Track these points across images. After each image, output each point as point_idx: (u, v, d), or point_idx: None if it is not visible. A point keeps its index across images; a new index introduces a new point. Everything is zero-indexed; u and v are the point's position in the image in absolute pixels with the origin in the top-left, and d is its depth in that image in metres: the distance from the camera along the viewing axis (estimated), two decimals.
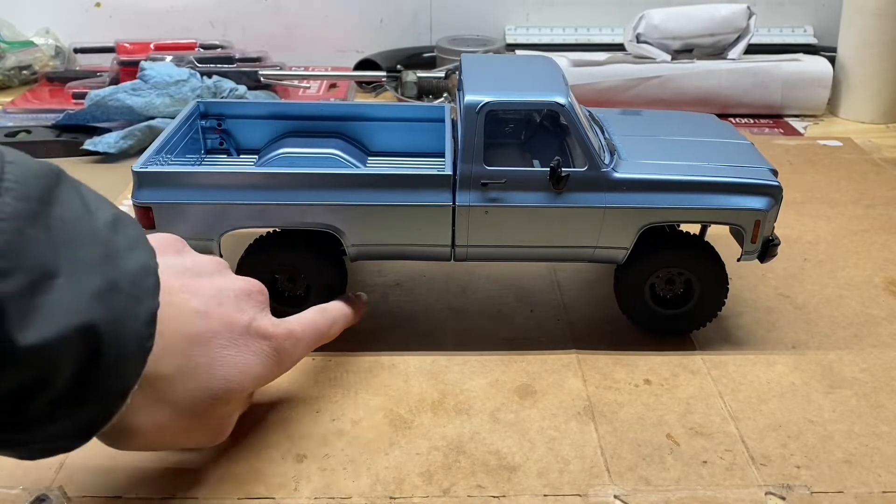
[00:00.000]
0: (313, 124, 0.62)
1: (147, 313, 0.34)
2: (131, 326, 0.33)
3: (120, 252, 0.33)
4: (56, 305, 0.30)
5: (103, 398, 0.33)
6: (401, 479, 0.43)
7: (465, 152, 0.50)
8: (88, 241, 0.32)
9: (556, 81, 0.53)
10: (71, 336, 0.30)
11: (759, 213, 0.52)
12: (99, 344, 0.31)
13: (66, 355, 0.30)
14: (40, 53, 1.12)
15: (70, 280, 0.30)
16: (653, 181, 0.51)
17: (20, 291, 0.28)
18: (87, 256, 0.31)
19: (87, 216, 0.33)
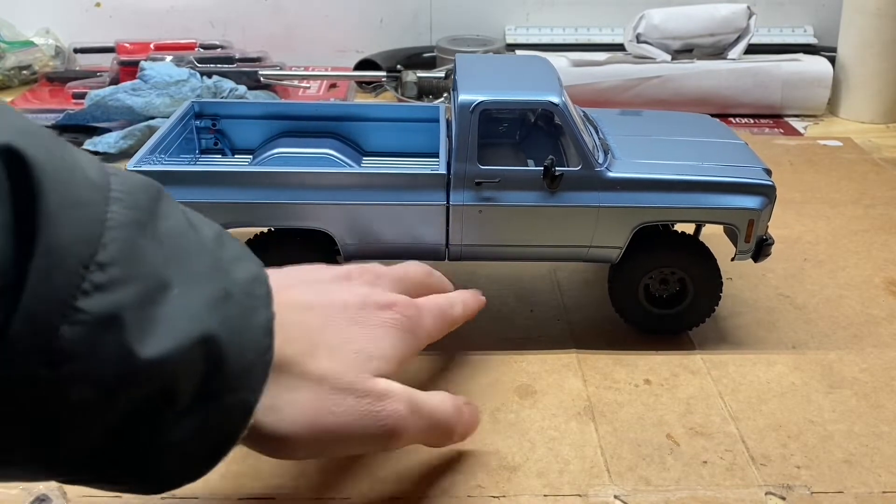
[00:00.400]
0: (308, 124, 0.62)
1: (264, 322, 0.32)
2: (249, 337, 0.32)
3: (228, 263, 0.33)
4: (173, 316, 0.29)
5: (230, 414, 0.31)
6: (401, 479, 0.43)
7: (459, 151, 0.50)
8: (197, 252, 0.31)
9: (551, 81, 0.53)
10: (191, 347, 0.29)
11: (753, 212, 0.52)
12: (220, 355, 0.30)
13: (187, 368, 0.29)
14: (40, 53, 1.12)
15: (184, 290, 0.30)
16: (646, 180, 0.51)
17: (137, 302, 0.28)
18: (197, 267, 0.31)
19: (192, 230, 0.32)
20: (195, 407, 0.30)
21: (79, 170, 0.28)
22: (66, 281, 0.26)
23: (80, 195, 0.27)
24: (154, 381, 0.28)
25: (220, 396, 0.31)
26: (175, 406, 0.30)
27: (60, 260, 0.26)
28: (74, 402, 0.27)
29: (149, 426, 0.29)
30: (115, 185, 0.29)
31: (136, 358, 0.27)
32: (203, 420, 0.30)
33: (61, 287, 0.26)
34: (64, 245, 0.26)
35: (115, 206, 0.28)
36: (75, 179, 0.27)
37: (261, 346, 0.32)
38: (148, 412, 0.29)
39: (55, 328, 0.25)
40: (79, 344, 0.26)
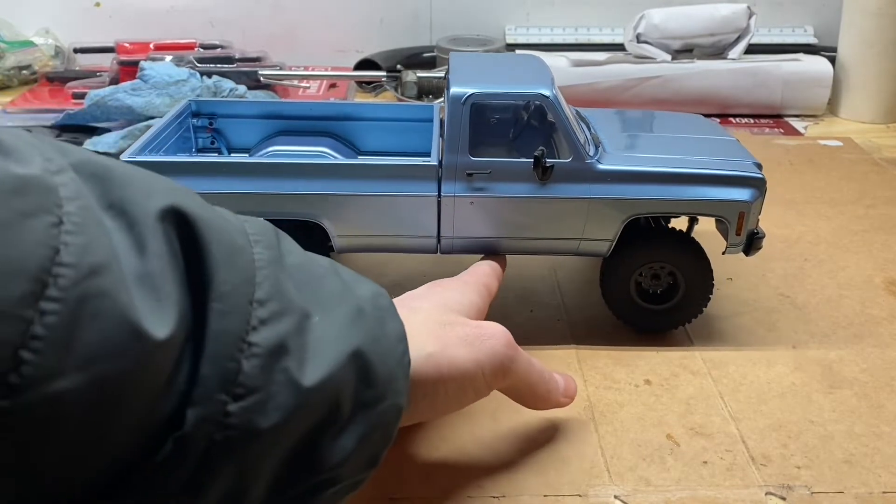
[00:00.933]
0: (304, 124, 0.62)
1: (396, 330, 0.35)
2: (387, 344, 0.34)
3: (350, 285, 0.35)
4: (323, 341, 0.31)
5: (385, 418, 0.33)
6: (401, 479, 0.43)
7: (450, 143, 0.50)
8: (321, 280, 0.34)
9: (543, 76, 0.53)
10: (345, 364, 0.31)
11: (744, 204, 0.52)
12: (368, 366, 0.32)
13: (345, 385, 0.31)
14: (40, 53, 1.12)
15: (324, 315, 0.32)
16: (637, 172, 0.51)
17: (295, 331, 0.30)
18: (328, 293, 0.33)
19: (311, 262, 0.34)
20: (355, 419, 0.32)
21: (226, 218, 0.31)
22: (239, 320, 0.28)
23: (235, 241, 0.29)
24: (322, 404, 0.30)
25: (375, 405, 0.33)
26: (339, 422, 0.32)
27: (233, 302, 0.28)
28: (262, 431, 0.28)
29: (318, 444, 0.31)
30: (249, 228, 0.31)
31: (301, 387, 0.29)
32: (363, 429, 0.32)
33: (236, 326, 0.28)
34: (233, 289, 0.28)
35: (258, 248, 0.30)
36: (228, 227, 0.30)
37: (398, 352, 0.34)
38: (316, 433, 0.31)
39: (239, 363, 0.28)
40: (257, 376, 0.28)
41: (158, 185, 0.29)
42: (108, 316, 0.24)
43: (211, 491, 0.28)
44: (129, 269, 0.25)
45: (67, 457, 0.24)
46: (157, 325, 0.25)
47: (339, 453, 0.32)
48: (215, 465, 0.27)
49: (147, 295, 0.25)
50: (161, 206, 0.28)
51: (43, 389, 0.22)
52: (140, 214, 0.27)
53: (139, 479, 0.26)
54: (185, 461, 0.27)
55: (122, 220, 0.26)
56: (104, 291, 0.24)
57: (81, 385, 0.23)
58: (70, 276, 0.23)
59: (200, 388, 0.27)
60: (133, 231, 0.26)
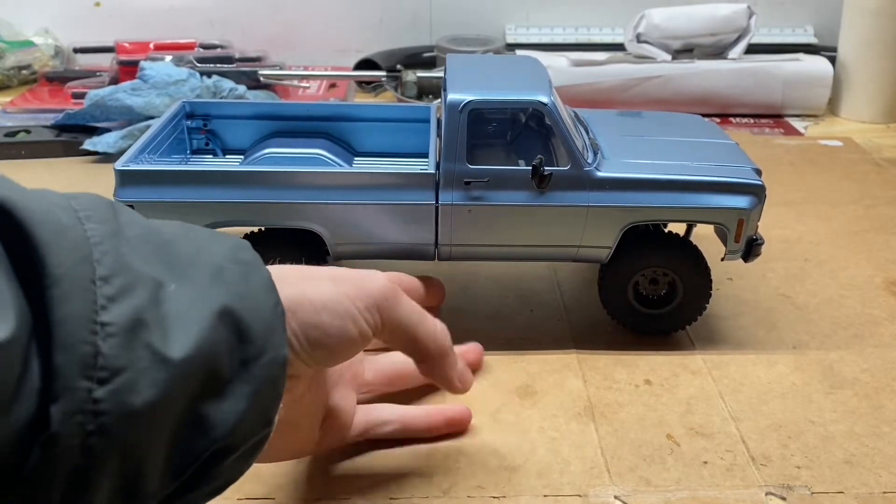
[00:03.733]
0: (300, 125, 0.62)
1: (263, 280, 0.33)
2: (256, 297, 0.32)
3: (204, 245, 0.33)
4: (184, 308, 0.29)
5: (270, 370, 0.32)
6: (401, 479, 0.43)
7: (448, 151, 0.50)
8: (170, 246, 0.32)
9: (541, 81, 0.53)
10: (213, 326, 0.30)
11: (743, 211, 0.52)
12: (239, 322, 0.31)
13: (218, 347, 0.30)
14: (40, 53, 1.12)
15: (181, 282, 0.30)
16: (635, 180, 0.51)
17: (149, 303, 0.28)
18: (180, 259, 0.31)
19: (154, 231, 0.32)
20: (239, 378, 0.31)
21: (47, 199, 0.28)
22: (83, 301, 0.26)
23: (60, 220, 0.27)
24: (198, 371, 0.29)
25: (256, 360, 0.31)
26: (220, 385, 0.30)
27: (71, 284, 0.26)
28: (138, 411, 0.27)
29: (206, 414, 0.30)
30: (76, 205, 0.29)
31: (171, 358, 0.28)
32: (250, 387, 0.31)
33: (81, 309, 0.26)
34: (68, 270, 0.26)
35: (90, 224, 0.28)
36: (50, 208, 0.27)
37: (270, 303, 0.33)
38: (201, 400, 0.29)
39: (95, 346, 0.26)
40: (119, 356, 0.26)
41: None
42: None
43: (99, 486, 0.27)
44: None
45: None
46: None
47: (230, 417, 0.30)
48: (96, 457, 0.26)
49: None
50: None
51: None
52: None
53: (17, 493, 0.25)
54: (61, 462, 0.25)
55: None
56: None
57: None
58: None
59: (58, 381, 0.25)
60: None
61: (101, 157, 0.85)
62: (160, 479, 0.29)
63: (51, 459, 0.25)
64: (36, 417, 0.25)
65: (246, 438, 0.32)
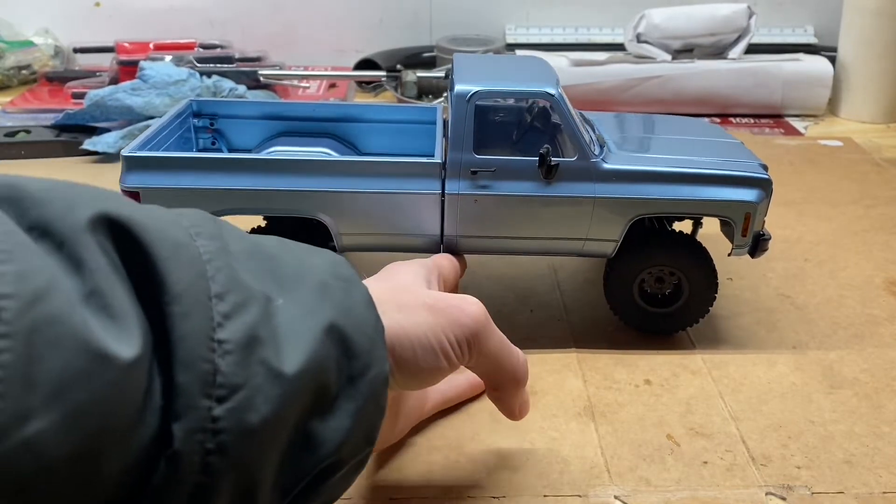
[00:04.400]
0: (305, 125, 0.62)
1: (363, 297, 0.33)
2: (358, 313, 0.32)
3: (305, 260, 0.33)
4: (294, 323, 0.29)
5: (373, 387, 0.32)
6: (401, 479, 0.43)
7: (454, 140, 0.50)
8: (275, 261, 0.32)
9: (547, 75, 0.53)
10: (322, 342, 0.30)
11: (750, 205, 0.51)
12: (345, 338, 0.31)
13: (326, 363, 0.30)
14: (39, 53, 1.12)
15: (288, 297, 0.30)
16: (642, 172, 0.51)
17: (262, 319, 0.28)
18: (285, 273, 0.31)
19: (257, 246, 0.32)
20: (345, 395, 0.31)
21: (159, 216, 0.28)
22: (202, 319, 0.26)
23: (176, 237, 0.27)
24: (309, 386, 0.29)
25: (362, 377, 0.31)
26: (329, 401, 0.30)
27: (190, 301, 0.26)
28: (255, 429, 0.27)
29: (315, 430, 0.30)
30: (185, 221, 0.29)
31: (284, 373, 0.28)
32: (356, 403, 0.31)
33: (200, 326, 0.26)
34: (187, 287, 0.26)
35: (201, 240, 0.28)
36: (164, 225, 0.27)
37: (371, 319, 0.33)
38: (311, 416, 0.30)
39: (214, 364, 0.26)
40: (236, 373, 0.26)
41: (80, 195, 0.26)
42: (66, 342, 0.22)
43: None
44: (73, 291, 0.23)
45: (65, 500, 0.23)
46: (120, 345, 0.23)
47: (337, 434, 0.31)
48: (215, 475, 0.26)
49: (100, 314, 0.24)
50: (88, 216, 0.25)
51: (17, 436, 0.21)
52: (66, 230, 0.24)
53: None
54: (183, 478, 0.25)
55: (48, 240, 0.24)
56: (54, 317, 0.22)
57: (56, 422, 0.22)
58: (13, 308, 0.21)
59: (181, 400, 0.25)
60: (63, 250, 0.24)
61: (101, 157, 0.85)
62: (270, 496, 0.29)
63: (174, 477, 0.25)
64: (159, 435, 0.25)
65: (351, 455, 0.32)
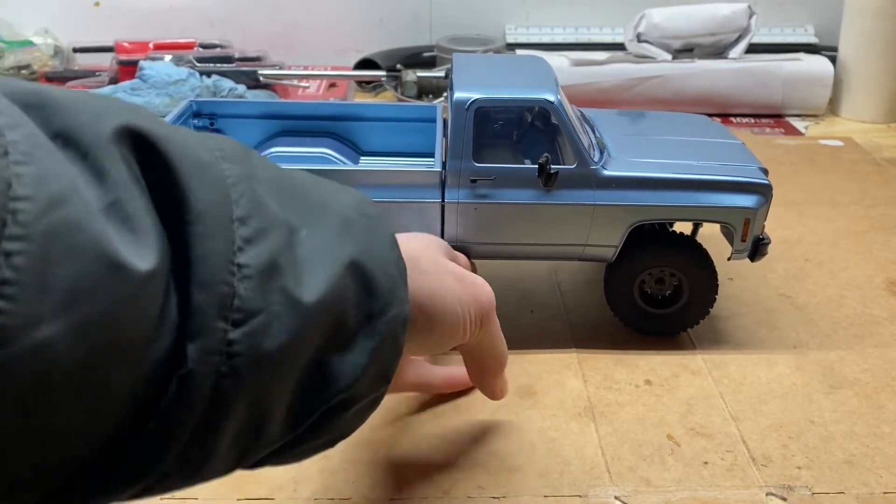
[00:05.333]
0: (306, 124, 0.61)
1: (389, 236, 0.33)
2: (382, 252, 0.32)
3: (331, 195, 0.33)
4: (316, 254, 0.29)
5: (392, 327, 0.32)
6: (401, 479, 0.43)
7: (454, 149, 0.50)
8: (301, 192, 0.31)
9: (547, 80, 0.53)
10: (343, 276, 0.29)
11: (749, 211, 0.51)
12: (367, 276, 0.30)
13: (347, 297, 0.30)
14: (39, 53, 1.12)
15: (312, 229, 0.29)
16: (642, 179, 0.51)
17: (284, 247, 0.28)
18: (310, 205, 0.31)
19: (286, 174, 0.32)
20: (363, 331, 0.31)
21: (185, 133, 0.27)
22: (223, 241, 0.25)
23: (200, 157, 0.26)
24: (327, 319, 0.28)
25: (381, 315, 0.31)
26: (346, 336, 0.30)
27: (212, 222, 0.25)
28: (270, 355, 0.26)
29: (330, 365, 0.30)
30: (211, 144, 0.28)
31: (303, 303, 0.27)
32: (373, 341, 0.31)
33: (221, 248, 0.25)
34: (209, 207, 0.25)
35: (225, 164, 0.28)
36: (191, 143, 0.27)
37: (393, 258, 0.32)
38: (327, 350, 0.29)
39: (233, 287, 0.25)
40: (255, 298, 0.26)
41: (109, 106, 0.26)
42: (83, 250, 0.21)
43: (225, 430, 0.26)
44: (93, 200, 0.23)
45: (70, 414, 0.22)
46: (137, 257, 0.23)
47: (352, 370, 0.30)
48: (226, 399, 0.26)
49: (119, 226, 0.23)
50: (113, 126, 0.24)
51: (27, 340, 0.20)
52: (91, 140, 0.24)
53: (150, 428, 0.25)
54: (194, 400, 0.25)
55: (72, 149, 0.24)
56: (72, 223, 0.21)
57: (67, 329, 0.21)
58: (30, 211, 0.20)
59: (196, 319, 0.25)
60: (87, 160, 0.24)
61: None
62: (280, 427, 0.29)
63: (185, 397, 0.25)
64: (173, 353, 0.24)
65: (365, 393, 0.31)
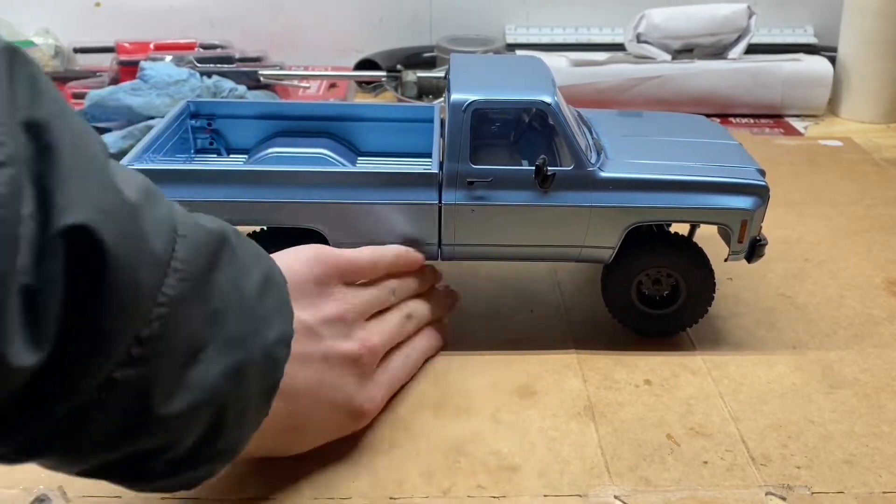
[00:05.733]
0: (304, 124, 0.62)
1: (271, 385, 0.36)
2: (255, 401, 0.35)
3: (263, 321, 0.35)
4: (196, 379, 0.31)
5: (215, 460, 0.35)
6: (401, 480, 0.43)
7: (451, 151, 0.50)
8: (237, 312, 0.33)
9: (544, 81, 0.53)
10: (203, 408, 0.32)
11: (746, 212, 0.52)
12: (223, 416, 0.33)
13: (195, 425, 0.32)
14: (40, 53, 1.12)
15: (214, 354, 0.32)
16: (639, 180, 0.51)
17: (168, 371, 0.30)
18: (233, 330, 0.33)
19: (241, 280, 0.34)
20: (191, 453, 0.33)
21: (145, 245, 0.29)
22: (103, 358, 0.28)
23: (139, 276, 0.28)
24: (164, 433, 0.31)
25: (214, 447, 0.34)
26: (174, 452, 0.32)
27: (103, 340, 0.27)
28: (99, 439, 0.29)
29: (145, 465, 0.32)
30: (178, 252, 0.30)
31: (152, 415, 0.30)
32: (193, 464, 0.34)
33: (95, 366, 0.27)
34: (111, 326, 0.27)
35: (171, 279, 0.29)
36: (140, 259, 0.28)
37: (260, 407, 0.36)
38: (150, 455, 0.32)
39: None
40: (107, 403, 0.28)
41: (89, 194, 0.27)
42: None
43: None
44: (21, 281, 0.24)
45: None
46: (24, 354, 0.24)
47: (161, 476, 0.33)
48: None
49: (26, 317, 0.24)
50: (71, 222, 0.26)
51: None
52: (52, 223, 0.25)
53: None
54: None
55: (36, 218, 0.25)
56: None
57: None
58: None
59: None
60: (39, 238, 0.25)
61: None
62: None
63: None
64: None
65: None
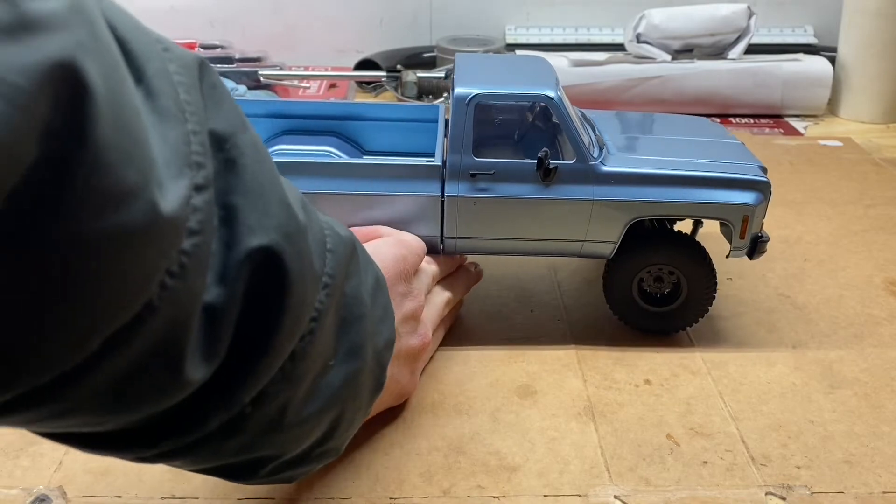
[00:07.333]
0: (309, 123, 0.62)
1: (377, 388, 0.38)
2: (365, 404, 0.38)
3: (375, 327, 0.37)
4: (323, 389, 0.33)
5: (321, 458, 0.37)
6: (401, 479, 0.43)
7: (454, 143, 0.50)
8: (359, 320, 0.35)
9: (548, 77, 0.53)
10: (325, 415, 0.34)
11: (748, 208, 0.52)
12: (339, 421, 0.35)
13: (316, 431, 0.35)
14: None
15: (338, 363, 0.34)
16: (641, 175, 0.51)
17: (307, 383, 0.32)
18: (354, 338, 0.35)
19: (361, 287, 0.35)
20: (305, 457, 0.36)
21: (310, 263, 0.30)
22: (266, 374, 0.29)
23: (305, 296, 0.30)
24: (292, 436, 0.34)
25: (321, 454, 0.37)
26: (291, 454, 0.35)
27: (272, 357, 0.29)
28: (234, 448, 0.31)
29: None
30: (329, 267, 0.32)
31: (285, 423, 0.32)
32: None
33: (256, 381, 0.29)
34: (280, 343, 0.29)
35: (322, 295, 0.31)
36: (306, 277, 0.30)
37: (367, 408, 0.38)
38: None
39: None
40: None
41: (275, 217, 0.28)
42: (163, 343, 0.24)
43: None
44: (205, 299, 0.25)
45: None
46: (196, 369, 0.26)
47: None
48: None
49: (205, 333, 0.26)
50: (256, 245, 0.27)
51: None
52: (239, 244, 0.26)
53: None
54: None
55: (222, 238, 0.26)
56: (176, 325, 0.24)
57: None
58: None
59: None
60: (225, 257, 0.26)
61: None
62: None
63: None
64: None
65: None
